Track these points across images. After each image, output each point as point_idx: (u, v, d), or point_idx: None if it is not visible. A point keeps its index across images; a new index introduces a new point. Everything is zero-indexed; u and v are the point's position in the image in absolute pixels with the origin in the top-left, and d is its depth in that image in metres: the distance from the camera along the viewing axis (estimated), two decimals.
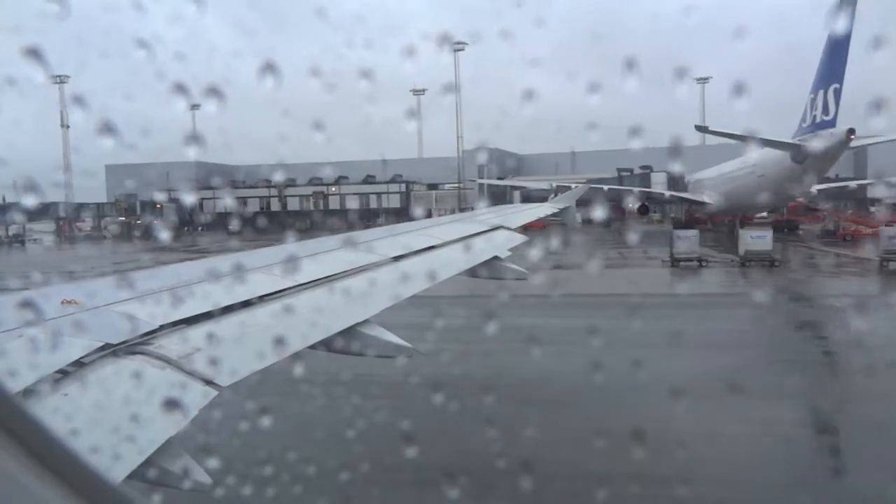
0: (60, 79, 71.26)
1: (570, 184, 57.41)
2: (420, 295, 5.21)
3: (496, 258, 7.20)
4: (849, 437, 11.48)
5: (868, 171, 71.13)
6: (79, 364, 2.66)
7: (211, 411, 2.93)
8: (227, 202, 77.05)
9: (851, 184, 60.61)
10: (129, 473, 2.19)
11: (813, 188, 50.57)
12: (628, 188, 65.74)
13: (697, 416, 11.16)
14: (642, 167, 73.54)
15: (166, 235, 52.25)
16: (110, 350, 2.82)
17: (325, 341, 3.78)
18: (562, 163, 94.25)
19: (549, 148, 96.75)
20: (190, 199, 42.16)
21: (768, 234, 34.27)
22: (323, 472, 8.16)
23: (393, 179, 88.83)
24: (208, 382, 2.84)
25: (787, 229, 51.41)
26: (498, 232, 8.79)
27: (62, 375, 2.55)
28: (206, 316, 3.44)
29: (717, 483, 9.32)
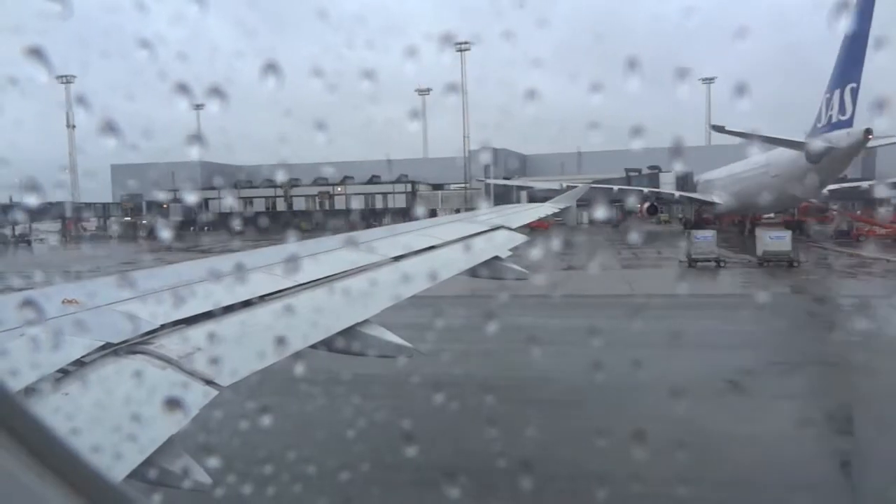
0: (67, 79, 71.31)
1: (580, 184, 57.18)
2: (420, 295, 5.21)
3: (497, 258, 7.21)
4: None
5: (876, 171, 70.33)
6: (80, 363, 2.66)
7: (211, 411, 2.94)
8: (232, 202, 77.16)
9: (864, 184, 59.57)
10: (129, 473, 2.19)
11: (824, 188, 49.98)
12: (638, 188, 65.00)
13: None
14: (650, 167, 73.07)
15: (172, 235, 52.30)
16: (111, 349, 2.82)
17: (325, 341, 3.78)
18: (567, 163, 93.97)
19: (554, 148, 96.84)
20: (195, 199, 42.14)
21: (788, 234, 33.98)
22: (323, 472, 8.16)
23: (398, 179, 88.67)
24: (209, 382, 2.84)
25: (797, 230, 50.48)
26: (498, 232, 8.79)
27: (63, 375, 2.55)
28: (207, 315, 3.44)
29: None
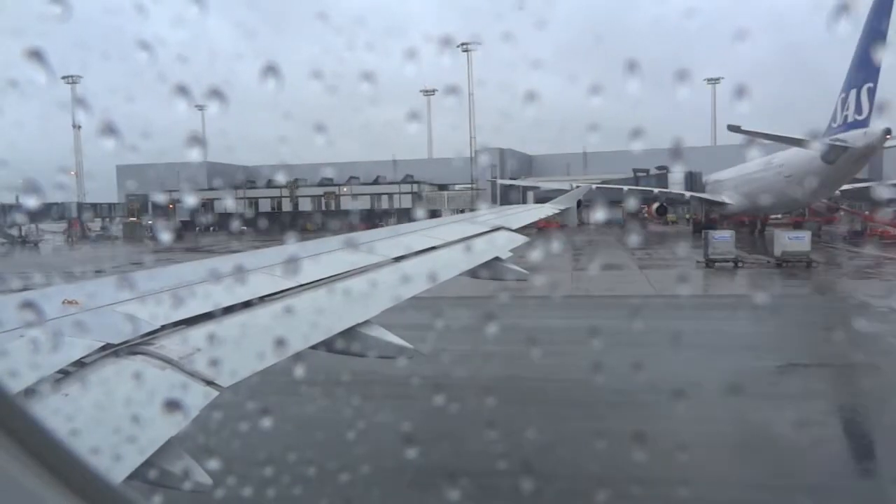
0: (72, 79, 71.17)
1: (591, 184, 56.91)
2: (421, 296, 5.21)
3: (497, 259, 7.21)
4: None
5: (883, 172, 69.69)
6: (80, 364, 2.65)
7: (212, 412, 2.93)
8: (237, 203, 77.13)
9: (877, 184, 58.98)
10: (129, 474, 2.18)
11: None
12: (648, 188, 64.32)
13: None
14: (658, 167, 72.63)
15: (178, 236, 52.20)
16: (111, 350, 2.81)
17: (325, 342, 3.78)
18: (573, 163, 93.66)
19: (558, 149, 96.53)
20: (201, 199, 41.95)
21: (807, 234, 33.81)
22: (323, 474, 8.15)
23: (404, 180, 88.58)
24: (209, 383, 2.84)
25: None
26: (498, 233, 8.79)
27: (63, 375, 2.54)
28: (207, 316, 3.43)
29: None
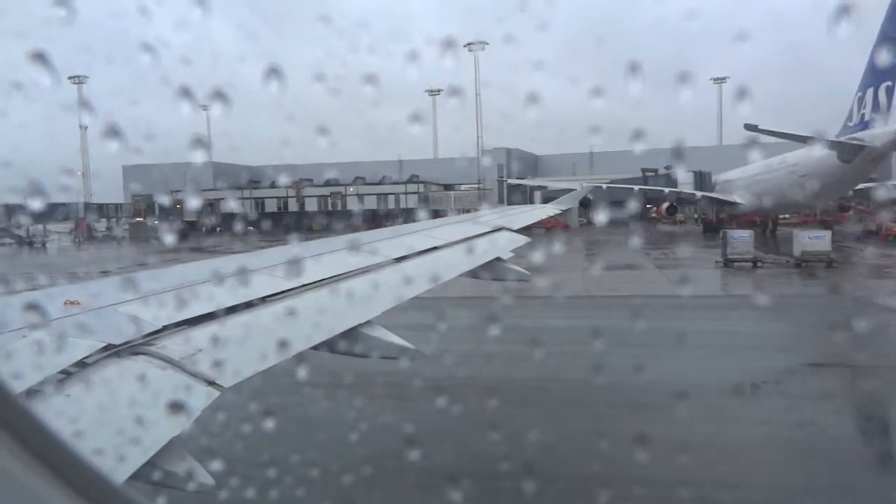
0: (79, 79, 71.12)
1: (599, 184, 56.56)
2: (422, 296, 5.21)
3: (498, 259, 7.21)
4: None
5: (893, 172, 69.15)
6: (82, 365, 2.65)
7: (214, 412, 2.93)
8: (243, 203, 77.22)
9: (879, 184, 58.23)
10: (132, 474, 2.18)
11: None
12: (658, 188, 63.77)
13: None
14: (667, 167, 71.98)
15: (185, 236, 52.09)
16: (113, 351, 2.82)
17: (327, 342, 3.78)
18: (579, 163, 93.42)
19: (563, 149, 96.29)
20: (207, 199, 41.78)
21: (827, 234, 33.54)
22: (326, 474, 8.14)
23: (410, 180, 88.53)
24: (211, 383, 2.84)
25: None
26: (500, 233, 8.79)
27: (65, 376, 2.55)
28: (209, 317, 3.43)
29: None
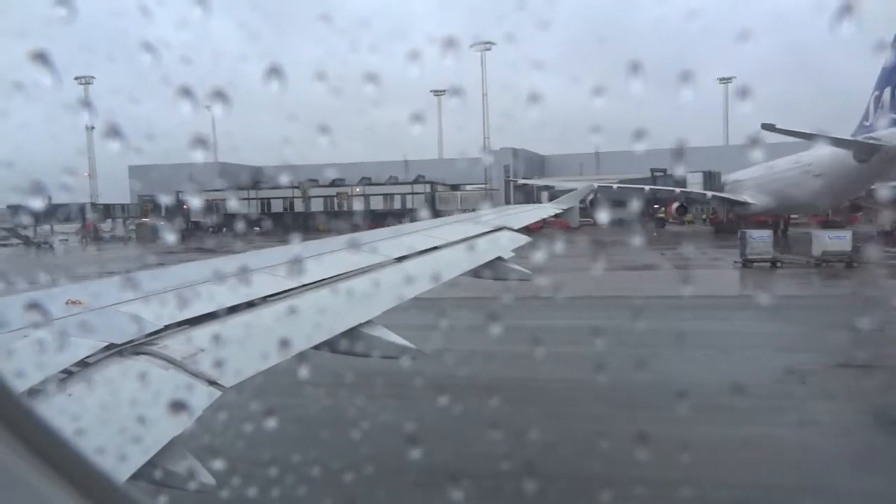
0: (85, 80, 71.09)
1: (609, 184, 56.28)
2: (423, 296, 5.21)
3: (500, 259, 7.22)
4: None
5: None
6: (84, 364, 2.66)
7: (215, 412, 2.93)
8: (250, 203, 77.31)
9: (880, 185, 58.28)
10: (133, 474, 2.19)
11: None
12: (669, 188, 62.82)
13: None
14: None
15: (192, 236, 52.11)
16: (115, 350, 2.82)
17: (328, 342, 3.78)
18: (585, 163, 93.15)
19: (568, 149, 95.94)
20: (213, 200, 41.67)
21: (848, 234, 33.35)
22: (327, 474, 8.15)
23: (416, 180, 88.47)
24: (212, 383, 2.84)
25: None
26: (501, 233, 8.79)
27: (67, 375, 2.55)
28: (211, 316, 3.44)
29: None
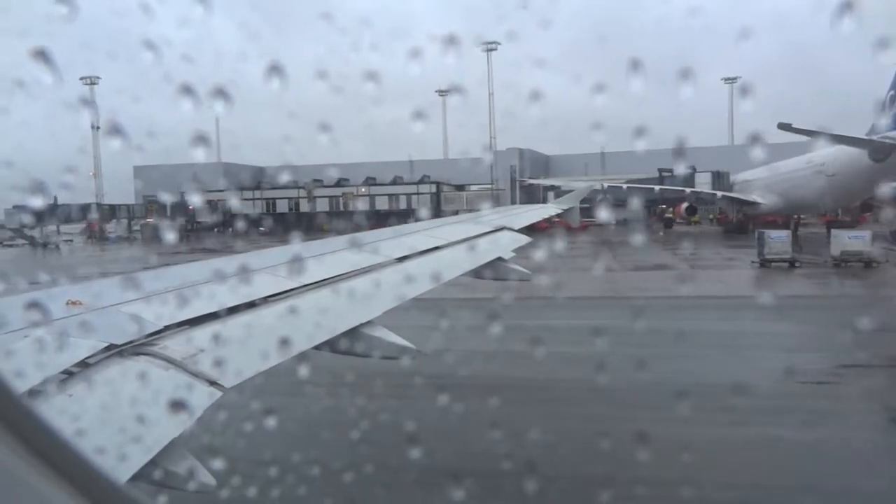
0: (91, 80, 71.13)
1: (618, 184, 56.04)
2: (423, 296, 5.21)
3: (500, 259, 7.21)
4: None
5: None
6: (84, 365, 2.66)
7: (215, 412, 2.93)
8: (255, 203, 77.38)
9: (883, 185, 57.64)
10: (134, 474, 2.19)
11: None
12: (678, 188, 62.59)
13: None
14: (691, 167, 71.03)
15: (196, 237, 52.11)
16: (115, 351, 2.82)
17: (329, 342, 3.78)
18: (591, 163, 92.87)
19: (573, 149, 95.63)
20: (218, 200, 41.49)
21: (867, 234, 33.28)
22: (327, 474, 8.15)
23: (421, 180, 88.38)
24: (213, 383, 2.84)
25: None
26: (501, 233, 8.79)
27: (68, 376, 2.55)
28: (211, 317, 3.44)
29: None
